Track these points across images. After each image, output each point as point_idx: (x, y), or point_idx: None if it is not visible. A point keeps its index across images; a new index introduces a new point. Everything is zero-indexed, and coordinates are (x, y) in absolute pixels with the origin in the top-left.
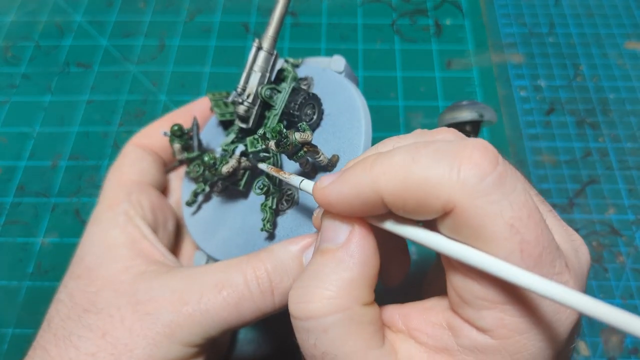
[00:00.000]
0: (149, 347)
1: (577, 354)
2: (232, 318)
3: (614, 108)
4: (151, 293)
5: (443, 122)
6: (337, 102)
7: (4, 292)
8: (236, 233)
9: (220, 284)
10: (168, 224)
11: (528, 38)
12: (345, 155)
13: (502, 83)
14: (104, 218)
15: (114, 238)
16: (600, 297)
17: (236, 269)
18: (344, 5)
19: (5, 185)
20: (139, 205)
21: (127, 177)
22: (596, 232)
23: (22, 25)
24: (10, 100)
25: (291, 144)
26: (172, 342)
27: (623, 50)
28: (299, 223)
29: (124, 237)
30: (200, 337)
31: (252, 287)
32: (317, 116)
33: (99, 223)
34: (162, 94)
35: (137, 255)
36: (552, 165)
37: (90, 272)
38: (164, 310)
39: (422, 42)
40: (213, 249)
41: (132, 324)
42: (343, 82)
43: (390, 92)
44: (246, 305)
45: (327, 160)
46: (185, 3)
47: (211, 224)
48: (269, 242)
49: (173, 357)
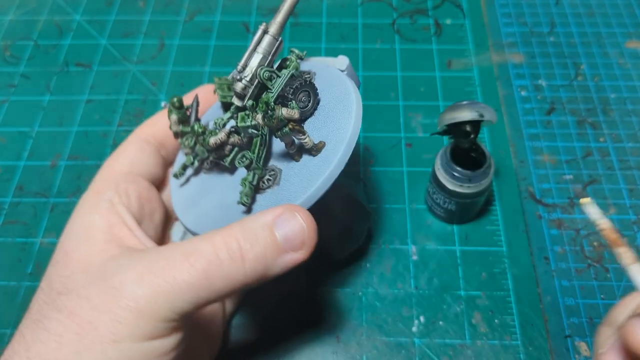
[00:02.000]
0: (112, 324)
1: (577, 354)
2: (202, 287)
3: (615, 108)
4: (119, 269)
5: (443, 122)
6: (333, 95)
7: (3, 292)
8: (215, 207)
9: (188, 253)
10: (155, 216)
11: (529, 37)
12: (330, 143)
13: (503, 83)
14: (88, 204)
15: (93, 222)
16: (601, 297)
17: (205, 239)
18: (344, 5)
19: (4, 185)
20: (125, 194)
21: (119, 167)
22: (597, 232)
23: (21, 24)
24: (9, 100)
25: (277, 118)
26: (139, 318)
27: (624, 50)
28: (277, 202)
29: (103, 222)
30: (170, 311)
31: (221, 255)
32: (311, 104)
33: (81, 208)
34: (162, 94)
35: (112, 240)
36: (552, 165)
37: (66, 255)
38: (129, 282)
39: (422, 41)
40: (191, 222)
41: (97, 301)
42: (342, 77)
43: (391, 92)
44: (215, 273)
45: (313, 145)
46: (185, 2)
47: (194, 197)
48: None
49: (141, 333)
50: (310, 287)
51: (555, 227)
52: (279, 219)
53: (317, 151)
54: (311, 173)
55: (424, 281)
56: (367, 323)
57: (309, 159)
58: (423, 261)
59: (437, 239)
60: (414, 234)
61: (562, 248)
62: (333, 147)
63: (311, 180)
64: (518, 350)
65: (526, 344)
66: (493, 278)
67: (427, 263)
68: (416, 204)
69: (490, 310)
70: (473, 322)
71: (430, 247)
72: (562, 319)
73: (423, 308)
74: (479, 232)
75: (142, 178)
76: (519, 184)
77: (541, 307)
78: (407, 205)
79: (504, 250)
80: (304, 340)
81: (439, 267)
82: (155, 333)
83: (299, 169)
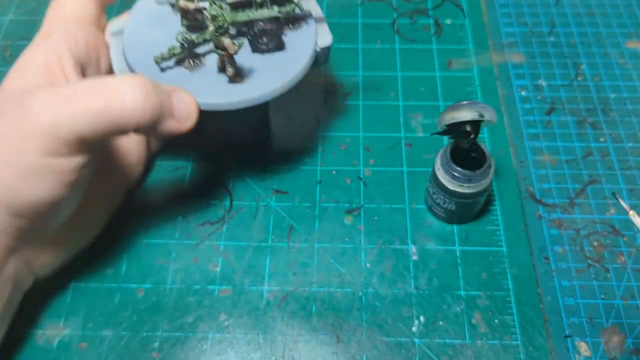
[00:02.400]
0: (19, 138)
1: (577, 354)
2: (102, 118)
3: (615, 108)
4: (35, 94)
5: (443, 122)
6: (294, 53)
7: None
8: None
9: (97, 86)
10: (101, 63)
11: (529, 37)
12: (267, 81)
13: (503, 83)
14: (34, 44)
15: (33, 57)
16: (601, 297)
17: (119, 77)
18: (344, 5)
19: None
20: (73, 40)
21: (68, 12)
22: (597, 232)
23: (20, 24)
24: None
25: (220, 41)
26: (43, 135)
27: (624, 50)
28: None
29: (42, 59)
30: (71, 132)
31: (126, 93)
32: (267, 48)
33: (29, 47)
34: None
35: (44, 75)
36: (552, 165)
37: (3, 84)
38: (37, 102)
39: (422, 41)
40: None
41: (10, 118)
42: (311, 52)
43: (390, 92)
44: (115, 108)
45: (232, 74)
46: None
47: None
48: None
49: (44, 150)
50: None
51: (555, 227)
52: (180, 92)
53: (232, 81)
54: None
55: (424, 281)
56: (367, 323)
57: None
58: (423, 261)
59: (437, 239)
60: (414, 234)
61: (562, 248)
62: (272, 83)
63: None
64: (518, 350)
65: (526, 344)
66: (493, 278)
67: (427, 263)
68: (416, 204)
69: (490, 310)
70: (473, 322)
71: (430, 247)
72: (562, 319)
73: (423, 308)
74: (479, 232)
75: (91, 24)
76: (519, 184)
77: (541, 307)
78: (407, 205)
79: (504, 250)
80: (304, 340)
81: (439, 267)
82: (58, 151)
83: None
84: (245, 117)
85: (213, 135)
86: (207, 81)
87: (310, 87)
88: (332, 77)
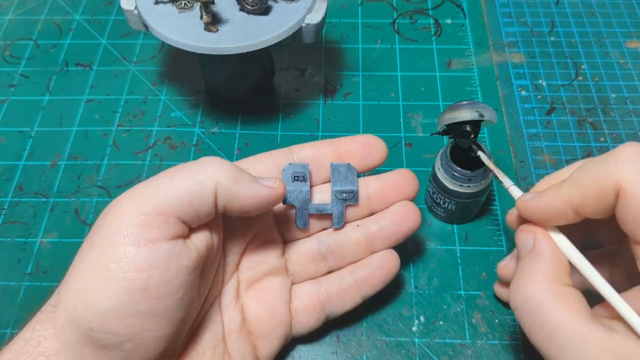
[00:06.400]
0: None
1: None
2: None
3: (615, 108)
4: None
5: (443, 122)
6: (287, 15)
7: (3, 292)
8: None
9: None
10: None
11: (529, 37)
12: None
13: (503, 83)
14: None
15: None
16: None
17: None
18: (344, 5)
19: (4, 185)
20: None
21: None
22: None
23: (20, 23)
24: (8, 100)
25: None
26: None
27: (625, 50)
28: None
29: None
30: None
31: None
32: (251, 10)
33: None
34: (162, 94)
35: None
36: (553, 165)
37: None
38: None
39: (422, 41)
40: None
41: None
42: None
43: (390, 92)
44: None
45: (207, 21)
46: None
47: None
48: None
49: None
50: None
51: None
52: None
53: (207, 29)
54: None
55: (424, 281)
56: (367, 323)
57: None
58: (423, 261)
59: (437, 238)
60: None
61: None
62: (239, 41)
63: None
64: (518, 350)
65: (526, 344)
66: (493, 278)
67: (427, 263)
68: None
69: (490, 310)
70: (473, 322)
71: (430, 247)
72: None
73: (423, 308)
74: (479, 232)
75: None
76: (519, 184)
77: None
78: None
79: (504, 250)
80: (304, 340)
81: (439, 267)
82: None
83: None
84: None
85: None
86: (186, 23)
87: (310, 87)
88: (332, 77)
